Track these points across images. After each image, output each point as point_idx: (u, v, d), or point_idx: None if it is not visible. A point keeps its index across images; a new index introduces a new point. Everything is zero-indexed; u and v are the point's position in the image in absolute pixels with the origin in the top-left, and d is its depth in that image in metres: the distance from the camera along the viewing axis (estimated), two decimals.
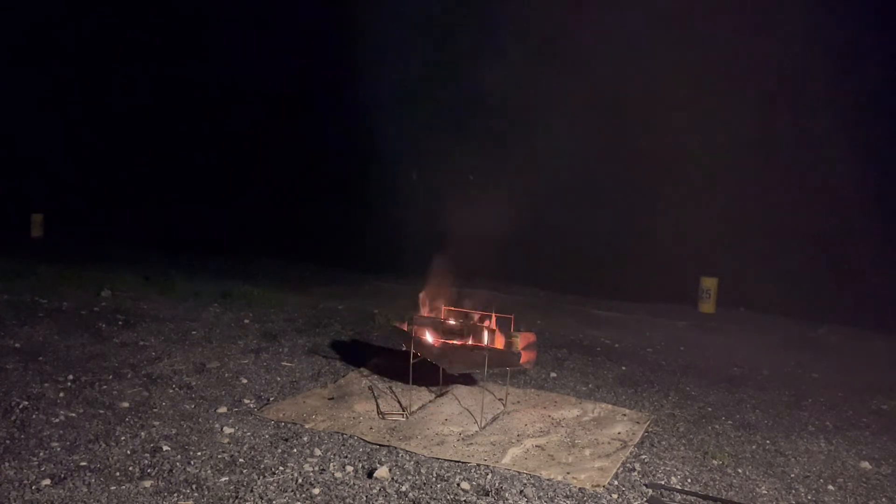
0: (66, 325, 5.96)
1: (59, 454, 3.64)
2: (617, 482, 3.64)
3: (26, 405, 4.22)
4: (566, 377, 5.41)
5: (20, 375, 4.72)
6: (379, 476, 3.54)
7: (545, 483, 3.58)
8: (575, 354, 6.05)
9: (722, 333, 7.20)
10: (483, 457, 3.83)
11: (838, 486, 3.78)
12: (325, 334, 6.26)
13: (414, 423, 4.27)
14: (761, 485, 3.74)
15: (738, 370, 5.88)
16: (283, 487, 3.42)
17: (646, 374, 5.59)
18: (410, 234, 8.44)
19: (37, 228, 11.28)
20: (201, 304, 7.06)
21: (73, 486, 3.31)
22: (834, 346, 6.91)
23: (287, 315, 6.84)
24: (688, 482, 3.70)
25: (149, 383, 4.74)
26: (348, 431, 4.11)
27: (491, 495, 3.43)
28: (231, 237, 10.55)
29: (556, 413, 4.56)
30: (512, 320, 4.74)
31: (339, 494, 3.38)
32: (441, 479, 3.57)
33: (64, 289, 7.21)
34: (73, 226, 11.22)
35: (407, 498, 3.37)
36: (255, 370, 5.16)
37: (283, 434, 4.05)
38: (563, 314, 7.58)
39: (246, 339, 5.92)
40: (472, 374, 4.99)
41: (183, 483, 3.40)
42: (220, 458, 3.70)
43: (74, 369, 4.89)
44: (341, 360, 5.53)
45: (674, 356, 6.23)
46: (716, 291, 8.16)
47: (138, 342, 5.65)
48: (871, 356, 6.59)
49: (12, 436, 3.81)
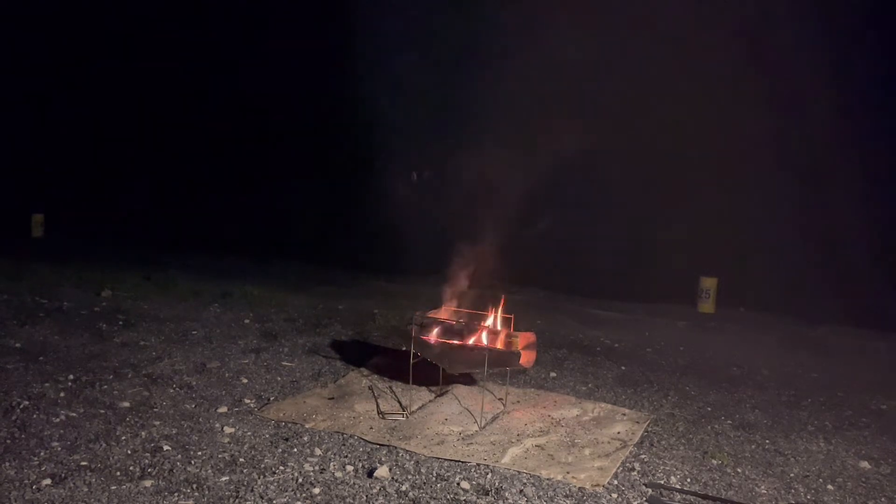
0: (66, 325, 5.97)
1: (60, 454, 3.64)
2: (616, 482, 3.64)
3: (27, 405, 4.22)
4: (566, 377, 5.41)
5: (21, 375, 4.72)
6: (379, 476, 3.55)
7: (545, 482, 3.58)
8: (575, 354, 6.06)
9: (722, 333, 7.21)
10: (483, 456, 3.84)
11: (838, 486, 3.78)
12: (325, 334, 6.26)
13: (414, 423, 4.28)
14: (761, 484, 3.74)
15: (738, 370, 5.88)
16: (284, 487, 3.42)
17: (645, 374, 5.60)
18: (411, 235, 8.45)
19: (37, 228, 11.29)
20: (202, 303, 7.07)
21: (74, 486, 3.32)
22: (834, 346, 6.91)
23: (287, 315, 6.84)
24: (687, 482, 3.71)
25: (149, 383, 4.74)
26: (348, 431, 4.12)
27: (491, 495, 3.44)
28: (231, 237, 10.55)
29: (555, 413, 4.57)
30: (512, 320, 4.75)
31: (340, 494, 3.38)
32: (441, 479, 3.57)
33: (64, 289, 7.22)
34: (73, 226, 11.23)
35: (407, 497, 3.37)
36: (256, 370, 5.17)
37: (283, 434, 4.06)
38: (563, 314, 7.58)
39: (246, 339, 5.93)
40: (472, 374, 4.99)
41: (183, 483, 3.41)
42: (220, 457, 3.71)
43: (75, 369, 4.90)
44: (341, 359, 5.53)
45: (673, 356, 6.23)
46: (715, 291, 8.16)
47: (139, 342, 5.65)
48: (871, 356, 6.59)
49: (13, 435, 3.82)
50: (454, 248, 5.13)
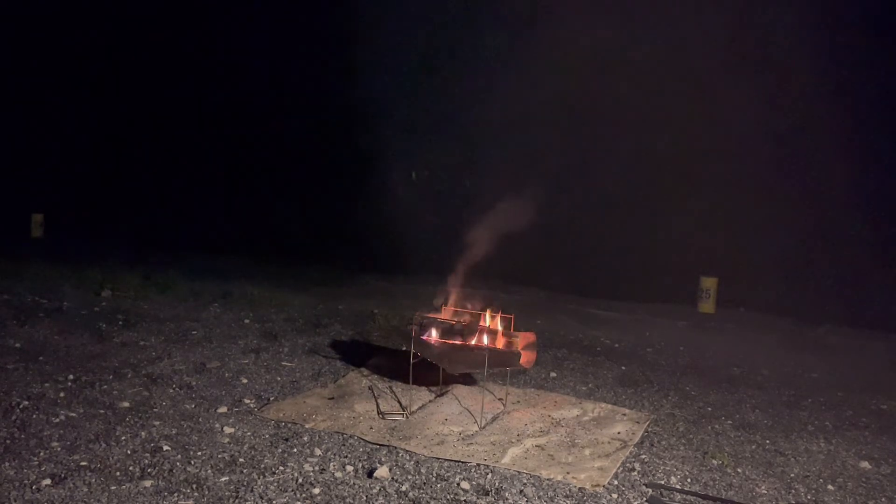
0: (66, 325, 5.97)
1: (60, 454, 3.64)
2: (617, 482, 3.64)
3: (27, 405, 4.22)
4: (566, 377, 5.41)
5: (20, 375, 4.72)
6: (379, 476, 3.54)
7: (545, 483, 3.58)
8: (575, 354, 6.06)
9: (722, 333, 7.21)
10: (483, 456, 3.84)
11: (838, 486, 3.78)
12: (325, 334, 6.26)
13: (414, 423, 4.27)
14: (761, 484, 3.74)
15: (738, 370, 5.88)
16: (284, 487, 3.42)
17: (646, 374, 5.60)
18: (411, 235, 8.45)
19: (37, 228, 11.27)
20: (201, 303, 7.07)
21: (74, 486, 3.32)
22: (834, 346, 6.91)
23: (287, 315, 6.84)
24: (687, 482, 3.71)
25: (149, 383, 4.74)
26: (348, 431, 4.12)
27: (491, 495, 3.43)
28: (231, 237, 10.55)
29: (556, 413, 4.56)
30: (512, 320, 4.74)
31: (340, 494, 3.38)
32: (441, 479, 3.57)
33: (64, 289, 7.22)
34: (73, 226, 11.22)
35: (407, 497, 3.37)
36: (256, 370, 5.17)
37: (283, 434, 4.06)
38: (563, 314, 7.58)
39: (246, 339, 5.93)
40: (472, 374, 4.99)
41: (183, 483, 3.41)
42: (220, 457, 3.71)
43: (75, 369, 4.89)
44: (341, 359, 5.53)
45: (674, 356, 6.23)
46: (715, 291, 8.16)
47: (138, 342, 5.65)
48: (871, 356, 6.59)
49: (13, 436, 3.81)
50: (451, 248, 5.12)
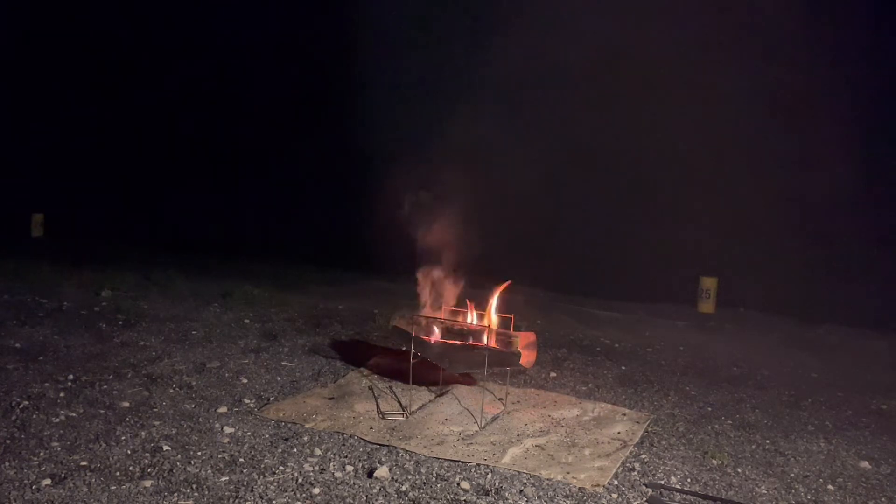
0: (66, 324, 5.97)
1: (60, 454, 3.64)
2: (617, 482, 3.64)
3: (27, 405, 4.22)
4: (566, 377, 5.41)
5: (20, 375, 4.72)
6: (379, 476, 3.54)
7: (545, 483, 3.58)
8: (575, 354, 6.06)
9: (721, 333, 7.21)
10: (483, 456, 3.84)
11: (838, 486, 3.78)
12: (325, 334, 6.26)
13: (414, 423, 4.27)
14: (761, 484, 3.74)
15: (738, 370, 5.88)
16: (283, 487, 3.42)
17: (645, 374, 5.60)
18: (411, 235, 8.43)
19: (37, 228, 11.28)
20: (201, 303, 7.07)
21: (74, 486, 3.32)
22: (834, 346, 6.90)
23: (287, 315, 6.84)
24: (687, 482, 3.71)
25: (149, 383, 4.74)
26: (348, 431, 4.12)
27: (491, 495, 3.44)
28: (232, 237, 10.55)
29: (555, 413, 4.56)
30: (512, 320, 4.74)
31: (339, 494, 3.38)
32: (441, 479, 3.57)
33: (64, 289, 7.22)
34: (73, 226, 11.21)
35: (407, 497, 3.37)
36: (256, 370, 5.17)
37: (283, 434, 4.06)
38: (563, 314, 7.58)
39: (246, 339, 5.93)
40: (472, 373, 4.99)
41: (183, 483, 3.41)
42: (220, 457, 3.71)
43: (75, 369, 4.89)
44: (341, 359, 5.53)
45: (673, 356, 6.23)
46: (715, 291, 8.16)
47: (138, 342, 5.65)
48: (871, 356, 6.59)
49: (12, 435, 3.82)
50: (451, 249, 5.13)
